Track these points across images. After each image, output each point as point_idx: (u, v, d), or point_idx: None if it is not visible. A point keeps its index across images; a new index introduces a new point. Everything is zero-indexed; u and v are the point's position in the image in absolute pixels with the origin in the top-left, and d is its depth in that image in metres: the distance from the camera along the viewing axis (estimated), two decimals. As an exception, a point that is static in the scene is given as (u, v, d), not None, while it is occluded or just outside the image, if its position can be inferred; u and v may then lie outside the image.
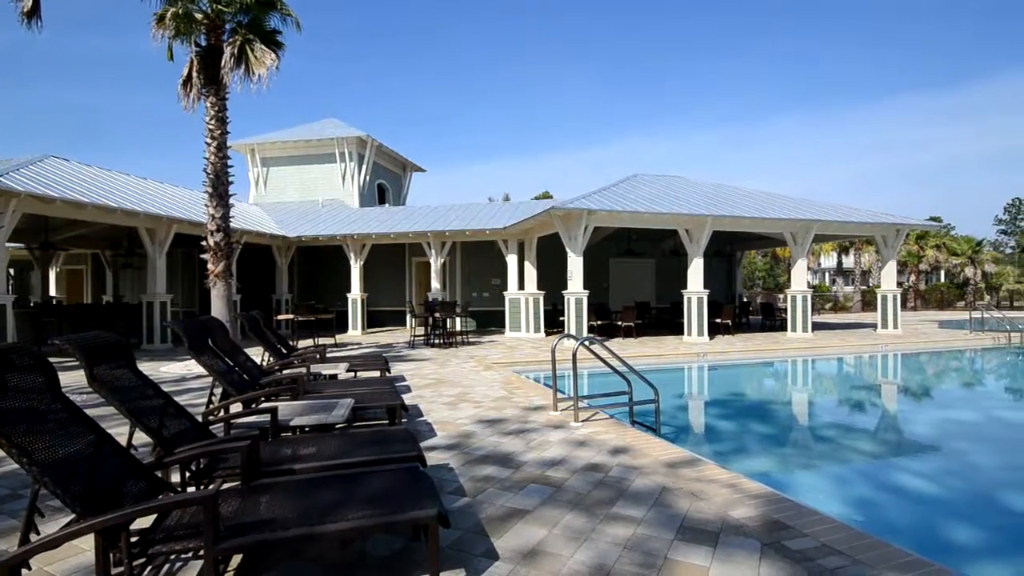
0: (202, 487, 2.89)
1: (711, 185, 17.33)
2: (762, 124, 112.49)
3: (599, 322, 14.85)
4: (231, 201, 10.58)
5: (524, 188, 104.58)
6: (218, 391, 4.55)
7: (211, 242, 10.23)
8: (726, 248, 20.89)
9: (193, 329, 4.34)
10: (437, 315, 13.29)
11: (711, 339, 13.71)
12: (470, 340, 14.18)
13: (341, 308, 17.18)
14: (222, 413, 3.80)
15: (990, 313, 17.84)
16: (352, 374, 6.79)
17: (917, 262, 32.84)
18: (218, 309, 10.09)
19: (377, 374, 6.70)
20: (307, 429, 3.83)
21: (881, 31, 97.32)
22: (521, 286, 16.03)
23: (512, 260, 16.14)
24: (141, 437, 4.49)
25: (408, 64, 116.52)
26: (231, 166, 10.59)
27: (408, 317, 17.19)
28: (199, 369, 8.90)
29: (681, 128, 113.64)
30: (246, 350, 5.72)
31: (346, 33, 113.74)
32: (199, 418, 3.41)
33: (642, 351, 11.59)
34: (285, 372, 5.95)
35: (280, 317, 14.97)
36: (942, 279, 39.29)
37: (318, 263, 19.45)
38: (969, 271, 32.39)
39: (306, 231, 17.51)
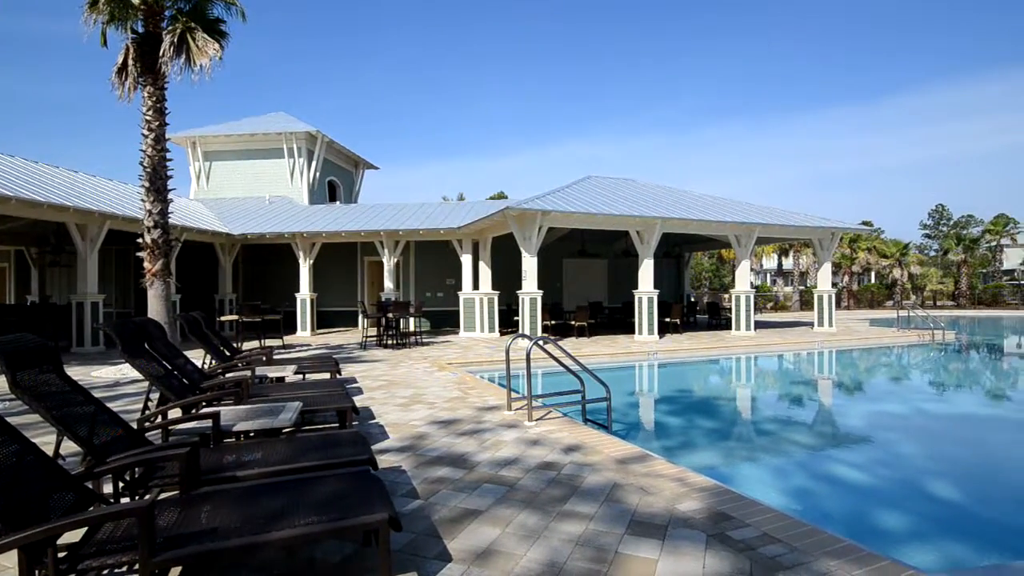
0: (137, 497, 2.74)
1: (661, 188, 17.82)
2: (707, 128, 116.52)
3: (553, 322, 15.01)
4: (170, 196, 10.10)
5: (479, 188, 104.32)
6: (155, 396, 4.33)
7: (148, 239, 9.73)
8: (675, 249, 21.52)
9: (127, 331, 4.10)
10: (390, 315, 13.09)
11: (661, 338, 14.09)
12: (424, 341, 14.04)
13: (289, 308, 16.68)
14: (159, 419, 3.62)
15: (915, 312, 19.10)
16: (301, 376, 6.61)
17: (850, 264, 34.80)
18: (156, 310, 9.62)
19: (327, 376, 6.55)
20: (252, 434, 3.69)
21: (812, 43, 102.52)
22: (476, 286, 16.00)
23: (467, 260, 16.09)
24: (70, 446, 4.23)
25: (362, 62, 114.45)
26: (170, 159, 10.11)
27: (360, 317, 16.87)
28: (134, 374, 8.45)
29: (634, 130, 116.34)
30: (186, 353, 5.47)
31: (299, 29, 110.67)
32: (134, 425, 3.23)
33: (595, 350, 11.78)
34: (228, 375, 5.71)
35: (224, 318, 14.39)
36: (872, 280, 41.78)
37: (264, 262, 18.79)
38: (897, 272, 34.60)
39: (252, 228, 16.88)
